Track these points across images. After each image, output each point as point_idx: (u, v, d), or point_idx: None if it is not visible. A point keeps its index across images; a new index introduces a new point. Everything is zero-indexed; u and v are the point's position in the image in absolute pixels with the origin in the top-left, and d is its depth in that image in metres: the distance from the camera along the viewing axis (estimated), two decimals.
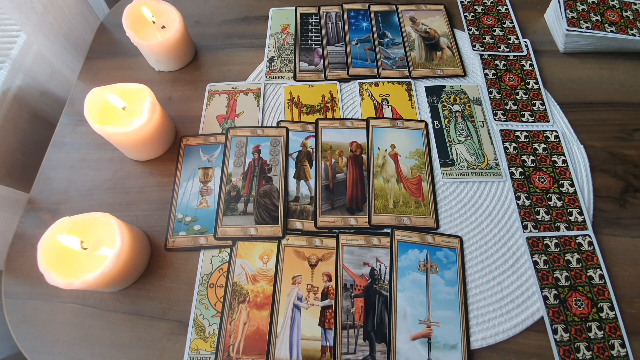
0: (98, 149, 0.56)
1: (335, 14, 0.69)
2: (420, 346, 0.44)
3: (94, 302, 0.46)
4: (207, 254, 0.49)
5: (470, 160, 0.54)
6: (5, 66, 0.63)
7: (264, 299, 0.46)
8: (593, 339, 0.44)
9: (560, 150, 0.55)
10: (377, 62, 0.63)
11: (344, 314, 0.45)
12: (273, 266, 0.48)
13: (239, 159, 0.54)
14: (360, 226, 0.50)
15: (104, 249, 0.43)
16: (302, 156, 0.55)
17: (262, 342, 0.44)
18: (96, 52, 0.65)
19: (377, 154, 0.55)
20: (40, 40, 0.63)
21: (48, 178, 0.54)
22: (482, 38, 0.65)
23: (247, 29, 0.67)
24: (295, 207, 0.51)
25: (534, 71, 0.61)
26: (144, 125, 0.48)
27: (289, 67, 0.63)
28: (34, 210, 0.52)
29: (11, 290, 0.47)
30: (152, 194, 0.53)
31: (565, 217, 0.50)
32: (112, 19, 0.69)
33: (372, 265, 0.48)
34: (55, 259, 0.41)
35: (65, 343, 0.44)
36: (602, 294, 0.46)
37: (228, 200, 0.51)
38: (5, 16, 0.67)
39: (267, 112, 0.59)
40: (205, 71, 0.63)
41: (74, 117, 0.59)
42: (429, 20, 0.67)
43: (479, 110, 0.58)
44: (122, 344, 0.44)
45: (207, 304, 0.46)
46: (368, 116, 0.58)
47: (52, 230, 0.42)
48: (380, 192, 0.52)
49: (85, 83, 0.62)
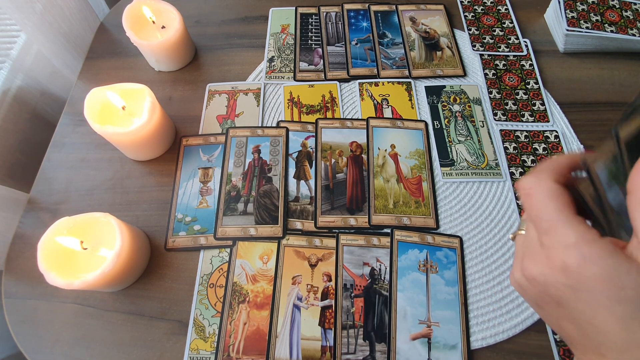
0: (98, 149, 0.56)
1: (335, 14, 0.69)
2: (420, 346, 0.44)
3: (94, 302, 0.46)
4: (207, 254, 0.49)
5: (470, 160, 0.54)
6: (5, 66, 0.63)
7: (264, 299, 0.46)
8: None
9: (560, 150, 0.55)
10: (377, 62, 0.63)
11: (344, 314, 0.45)
12: (273, 266, 0.48)
13: (239, 159, 0.54)
14: (360, 226, 0.50)
15: (104, 249, 0.43)
16: (302, 156, 0.55)
17: (262, 342, 0.44)
18: (96, 52, 0.65)
19: (377, 154, 0.55)
20: (40, 40, 0.63)
21: (48, 178, 0.54)
22: (482, 38, 0.65)
23: (247, 29, 0.67)
24: (295, 207, 0.51)
25: (534, 71, 0.61)
26: (144, 125, 0.48)
27: (289, 67, 0.63)
28: (34, 210, 0.52)
29: (11, 290, 0.47)
30: (152, 194, 0.53)
31: None
32: (112, 19, 0.69)
33: (372, 265, 0.48)
34: (55, 259, 0.41)
35: (65, 343, 0.44)
36: None
37: (228, 200, 0.51)
38: (5, 16, 0.67)
39: (267, 112, 0.59)
40: (205, 71, 0.63)
41: (74, 117, 0.59)
42: (429, 20, 0.67)
43: (479, 110, 0.58)
44: (122, 344, 0.44)
45: (207, 304, 0.46)
46: (368, 116, 0.58)
47: (52, 230, 0.42)
48: (380, 192, 0.52)
49: (85, 83, 0.62)
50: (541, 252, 0.25)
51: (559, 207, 0.24)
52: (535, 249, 0.26)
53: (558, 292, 0.24)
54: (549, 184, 0.25)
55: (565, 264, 0.23)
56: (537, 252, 0.25)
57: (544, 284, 0.25)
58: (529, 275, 0.26)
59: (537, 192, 0.25)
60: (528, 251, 0.26)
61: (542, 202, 0.25)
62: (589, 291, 0.23)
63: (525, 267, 0.26)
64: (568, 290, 0.24)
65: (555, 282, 0.24)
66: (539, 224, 0.25)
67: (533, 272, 0.25)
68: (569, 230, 0.23)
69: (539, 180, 0.26)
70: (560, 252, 0.23)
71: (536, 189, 0.25)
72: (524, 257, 0.27)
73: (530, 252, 0.26)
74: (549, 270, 0.24)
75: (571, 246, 0.23)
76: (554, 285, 0.24)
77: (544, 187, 0.25)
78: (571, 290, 0.24)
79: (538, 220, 0.25)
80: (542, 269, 0.25)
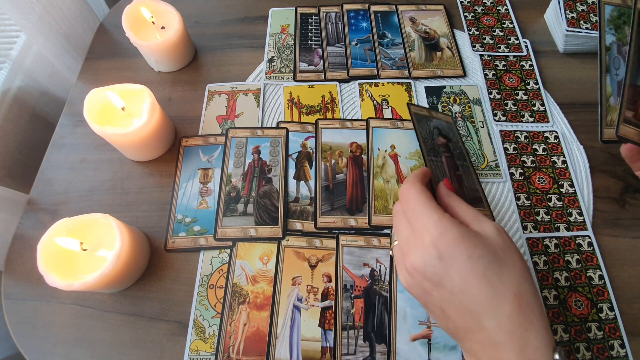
0: (98, 149, 0.56)
1: (335, 14, 0.69)
2: (421, 347, 0.44)
3: (93, 303, 0.46)
4: (207, 255, 0.49)
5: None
6: (5, 66, 0.63)
7: (264, 300, 0.46)
8: (593, 339, 0.44)
9: (560, 150, 0.55)
10: (377, 63, 0.63)
11: (344, 315, 0.45)
12: (273, 267, 0.48)
13: (238, 159, 0.54)
14: (360, 227, 0.50)
15: (104, 250, 0.43)
16: (302, 157, 0.55)
17: (262, 343, 0.44)
18: (96, 52, 0.65)
19: (377, 155, 0.55)
20: (40, 40, 0.63)
21: (48, 179, 0.54)
22: (482, 38, 0.65)
23: (246, 29, 0.67)
24: (295, 208, 0.51)
25: (534, 71, 0.61)
26: (144, 125, 0.48)
27: (288, 67, 0.63)
28: (33, 211, 0.52)
29: (11, 291, 0.47)
30: (151, 195, 0.53)
31: (565, 218, 0.50)
32: (112, 20, 0.69)
33: (372, 266, 0.48)
34: (55, 260, 0.41)
35: (65, 344, 0.44)
36: (601, 294, 0.46)
37: (228, 201, 0.51)
38: (5, 16, 0.67)
39: (266, 113, 0.59)
40: (205, 71, 0.63)
41: (73, 118, 0.59)
42: (429, 21, 0.67)
43: (479, 110, 0.58)
44: (121, 345, 0.44)
45: (207, 305, 0.46)
46: (368, 117, 0.58)
47: (52, 231, 0.42)
48: (380, 193, 0.52)
49: (84, 83, 0.62)
50: (415, 240, 0.32)
51: (424, 199, 0.33)
52: (410, 241, 0.32)
53: (434, 269, 0.30)
54: (417, 185, 0.34)
55: (433, 237, 0.30)
56: (412, 242, 0.32)
57: (423, 267, 0.31)
58: (411, 267, 0.32)
59: (411, 192, 0.34)
60: (406, 249, 0.33)
61: (414, 198, 0.33)
62: (453, 256, 0.29)
63: (407, 261, 0.32)
64: (440, 262, 0.30)
65: (431, 259, 0.30)
66: (411, 215, 0.33)
67: (414, 262, 0.31)
68: (433, 213, 0.31)
69: (412, 184, 0.34)
70: (429, 230, 0.31)
71: (409, 190, 0.34)
72: (404, 257, 0.33)
73: (407, 248, 0.33)
74: (423, 250, 0.31)
75: (436, 221, 0.31)
76: (431, 263, 0.30)
77: (415, 188, 0.34)
78: (442, 262, 0.30)
79: (411, 212, 0.33)
80: (419, 253, 0.31)
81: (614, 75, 0.32)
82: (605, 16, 0.32)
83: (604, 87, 0.33)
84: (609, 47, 0.33)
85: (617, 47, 0.32)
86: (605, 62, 0.33)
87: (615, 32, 0.32)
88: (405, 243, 0.33)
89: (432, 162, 0.41)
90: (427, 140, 0.44)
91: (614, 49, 0.32)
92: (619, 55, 0.32)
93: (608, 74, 0.33)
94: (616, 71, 0.32)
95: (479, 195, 0.47)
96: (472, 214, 0.33)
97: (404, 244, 0.33)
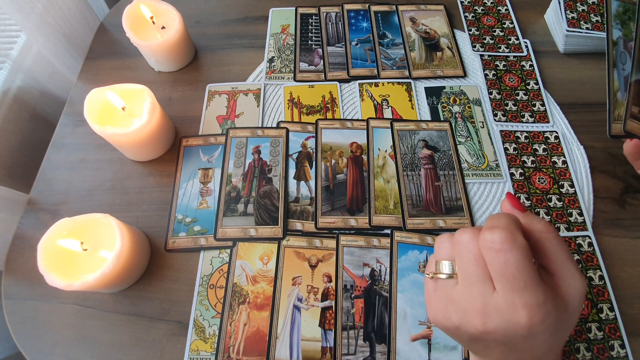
0: (98, 149, 0.56)
1: (335, 14, 0.69)
2: (421, 347, 0.44)
3: (94, 303, 0.46)
4: (207, 255, 0.49)
5: (470, 161, 0.54)
6: (5, 66, 0.63)
7: (264, 300, 0.46)
8: (593, 339, 0.44)
9: (560, 151, 0.55)
10: (377, 63, 0.63)
11: (344, 315, 0.45)
12: (273, 267, 0.48)
13: (239, 159, 0.54)
14: (360, 227, 0.50)
15: (104, 250, 0.43)
16: (302, 157, 0.55)
17: (262, 343, 0.44)
18: (96, 52, 0.65)
19: (377, 155, 0.55)
20: (40, 40, 0.63)
21: (48, 179, 0.54)
22: (482, 38, 0.65)
23: (247, 29, 0.67)
24: (295, 208, 0.51)
25: (534, 72, 0.61)
26: (144, 125, 0.48)
27: (289, 67, 0.63)
28: (33, 211, 0.52)
29: (11, 291, 0.47)
30: (152, 195, 0.53)
31: (565, 218, 0.50)
32: (112, 19, 0.69)
33: (372, 266, 0.48)
34: (55, 260, 0.41)
35: (65, 344, 0.44)
36: (601, 294, 0.46)
37: (228, 201, 0.51)
38: (5, 16, 0.67)
39: (267, 113, 0.59)
40: (205, 71, 0.63)
41: (73, 118, 0.59)
42: (429, 21, 0.67)
43: (479, 111, 0.58)
44: (122, 345, 0.44)
45: (207, 305, 0.46)
46: (368, 117, 0.58)
47: (52, 231, 0.42)
48: (380, 193, 0.52)
49: (85, 83, 0.62)
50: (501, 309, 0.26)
51: (531, 269, 0.25)
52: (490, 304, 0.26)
53: (512, 340, 0.26)
54: (524, 243, 0.26)
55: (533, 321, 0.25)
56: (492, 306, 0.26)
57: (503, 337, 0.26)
58: (483, 330, 0.26)
59: (515, 251, 0.25)
60: (473, 305, 0.27)
61: (520, 263, 0.25)
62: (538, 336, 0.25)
63: (472, 321, 0.27)
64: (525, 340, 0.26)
65: (515, 334, 0.26)
66: (513, 282, 0.25)
67: (489, 326, 0.26)
68: (540, 293, 0.25)
69: (515, 238, 0.26)
70: (530, 310, 0.25)
71: (512, 246, 0.25)
72: (467, 311, 0.27)
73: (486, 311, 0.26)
74: (513, 325, 0.25)
75: (540, 304, 0.25)
76: (514, 337, 0.26)
77: (520, 245, 0.25)
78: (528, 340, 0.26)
79: (513, 278, 0.25)
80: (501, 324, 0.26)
81: (621, 70, 0.32)
82: (612, 11, 0.32)
83: (611, 81, 0.33)
84: (616, 42, 0.33)
85: (624, 42, 0.32)
86: (612, 56, 0.33)
87: (621, 28, 0.32)
88: (481, 301, 0.26)
89: (406, 176, 0.41)
90: (406, 156, 0.44)
91: (620, 44, 0.32)
92: (626, 51, 0.32)
93: (615, 68, 0.33)
94: (623, 66, 0.32)
95: (461, 204, 0.49)
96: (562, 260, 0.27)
97: (466, 298, 0.27)
